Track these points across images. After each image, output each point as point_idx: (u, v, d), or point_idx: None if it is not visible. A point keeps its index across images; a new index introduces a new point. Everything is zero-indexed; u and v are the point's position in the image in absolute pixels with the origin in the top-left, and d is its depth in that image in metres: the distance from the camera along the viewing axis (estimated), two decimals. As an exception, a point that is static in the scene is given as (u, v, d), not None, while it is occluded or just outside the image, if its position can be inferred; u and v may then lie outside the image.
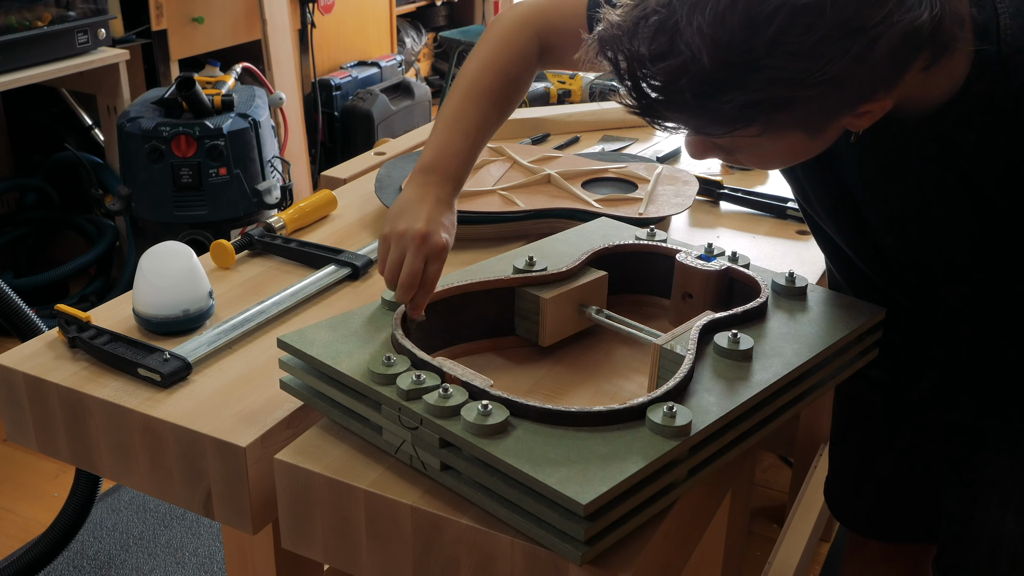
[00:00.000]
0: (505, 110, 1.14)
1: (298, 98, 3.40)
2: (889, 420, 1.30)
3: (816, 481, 2.06)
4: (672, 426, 0.86)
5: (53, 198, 3.18)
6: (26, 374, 1.13)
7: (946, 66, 0.87)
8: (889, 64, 0.81)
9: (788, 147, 0.91)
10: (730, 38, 0.78)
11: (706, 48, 0.78)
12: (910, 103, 0.90)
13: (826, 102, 0.82)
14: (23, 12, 2.58)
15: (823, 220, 1.13)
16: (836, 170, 1.04)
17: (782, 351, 1.01)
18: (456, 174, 1.08)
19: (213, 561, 2.11)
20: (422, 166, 1.09)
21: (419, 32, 4.70)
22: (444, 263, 1.04)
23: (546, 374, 1.10)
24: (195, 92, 2.49)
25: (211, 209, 2.52)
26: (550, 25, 1.14)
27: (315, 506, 0.95)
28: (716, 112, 0.82)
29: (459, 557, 0.89)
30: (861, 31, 0.77)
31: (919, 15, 0.79)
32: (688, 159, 1.82)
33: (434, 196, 1.06)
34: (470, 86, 1.12)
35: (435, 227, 1.03)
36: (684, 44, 0.79)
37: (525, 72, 1.15)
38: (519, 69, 1.14)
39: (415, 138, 2.01)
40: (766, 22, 0.77)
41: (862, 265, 1.13)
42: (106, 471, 1.13)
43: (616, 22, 0.84)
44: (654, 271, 1.21)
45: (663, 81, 0.82)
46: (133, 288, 1.21)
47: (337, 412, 0.98)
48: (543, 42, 1.14)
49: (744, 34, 0.77)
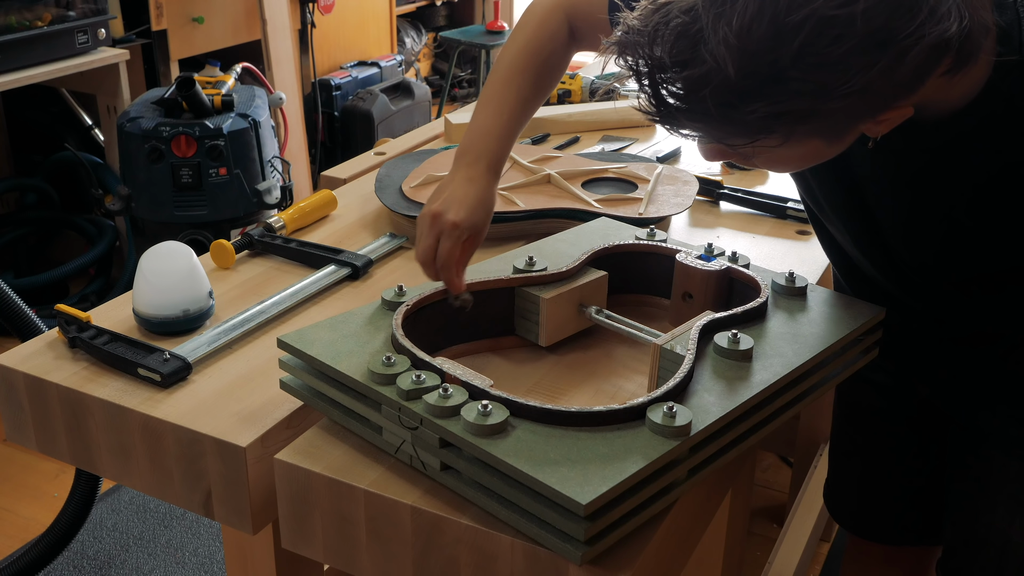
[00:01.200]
0: (542, 88, 1.16)
1: (298, 98, 3.40)
2: (890, 422, 1.30)
3: (816, 481, 2.06)
4: (672, 426, 0.86)
5: (53, 198, 3.18)
6: (26, 374, 1.13)
7: (970, 70, 0.86)
8: (915, 73, 0.80)
9: (805, 153, 0.90)
10: (756, 48, 0.76)
11: (732, 58, 0.76)
12: (929, 105, 0.89)
13: (849, 111, 0.81)
14: (23, 12, 2.58)
15: (830, 219, 1.12)
16: (847, 169, 1.03)
17: (782, 351, 1.01)
18: (489, 150, 1.11)
19: (213, 561, 2.11)
20: (458, 150, 1.13)
21: (419, 32, 4.70)
22: (459, 242, 1.06)
23: (546, 374, 1.10)
24: (195, 92, 2.49)
25: (211, 209, 2.52)
26: (577, 10, 1.16)
27: (315, 506, 0.95)
28: (738, 122, 0.81)
29: (459, 557, 0.89)
30: (891, 43, 0.76)
31: (948, 26, 0.77)
32: (688, 159, 1.82)
33: (462, 175, 1.09)
34: (504, 69, 1.15)
35: (449, 205, 1.07)
36: (709, 53, 0.77)
37: (559, 51, 1.17)
38: (553, 47, 1.16)
39: (415, 138, 2.01)
40: (794, 32, 0.75)
41: (868, 264, 1.12)
42: (106, 471, 1.13)
43: (635, 26, 0.82)
44: (654, 271, 1.21)
45: (685, 89, 0.80)
46: (133, 288, 1.21)
47: (337, 412, 0.98)
48: (572, 25, 1.17)
49: (771, 44, 0.76)
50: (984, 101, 0.89)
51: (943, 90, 0.87)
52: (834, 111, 0.80)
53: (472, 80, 5.06)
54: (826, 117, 0.81)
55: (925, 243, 1.03)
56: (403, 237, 1.45)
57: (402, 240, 1.44)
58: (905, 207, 1.01)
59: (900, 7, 0.75)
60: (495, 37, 4.33)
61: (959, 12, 0.78)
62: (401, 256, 1.42)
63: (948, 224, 0.99)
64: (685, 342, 0.98)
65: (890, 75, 0.78)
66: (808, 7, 0.75)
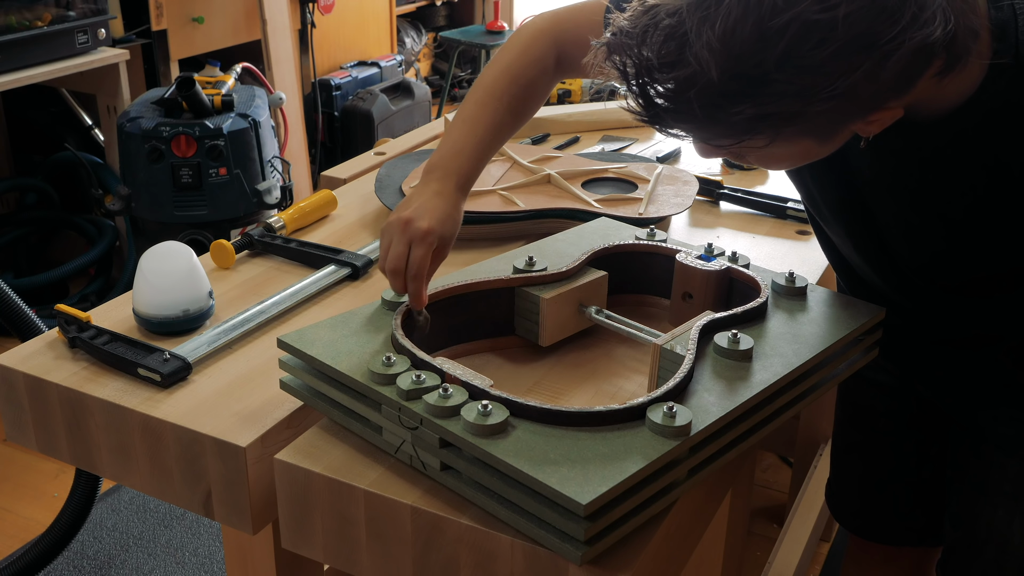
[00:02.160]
0: (519, 114, 1.15)
1: (298, 98, 3.40)
2: (892, 423, 1.30)
3: (816, 481, 2.06)
4: (672, 426, 0.86)
5: (53, 198, 3.18)
6: (26, 374, 1.13)
7: (961, 71, 0.86)
8: (901, 76, 0.80)
9: (797, 151, 0.91)
10: (740, 51, 0.77)
11: (715, 61, 0.78)
12: (924, 106, 0.89)
13: (836, 113, 0.82)
14: (23, 12, 2.58)
15: (829, 222, 1.12)
16: (846, 171, 1.03)
17: (782, 351, 1.01)
18: (460, 169, 1.09)
19: (213, 561, 2.11)
20: (427, 165, 1.11)
21: (419, 32, 4.70)
22: (430, 249, 1.03)
23: (546, 374, 1.10)
24: (195, 92, 2.49)
25: (211, 209, 2.52)
26: (567, 34, 1.14)
27: (315, 506, 0.95)
28: (724, 123, 0.82)
29: (459, 557, 0.89)
30: (873, 47, 0.77)
31: (932, 31, 0.78)
32: (688, 159, 1.82)
33: (431, 190, 1.07)
34: (483, 91, 1.13)
35: (420, 214, 1.04)
36: (693, 57, 0.78)
37: (540, 79, 1.15)
38: (534, 75, 1.14)
39: (415, 138, 2.01)
40: (777, 36, 0.76)
41: (868, 268, 1.12)
42: (106, 471, 1.13)
43: (625, 28, 0.84)
44: (654, 271, 1.21)
45: (671, 91, 0.82)
46: (133, 288, 1.21)
47: (337, 412, 0.98)
48: (560, 51, 1.15)
49: (754, 47, 0.77)
50: (981, 100, 0.89)
51: (936, 91, 0.87)
52: (819, 113, 0.80)
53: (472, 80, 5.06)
54: (812, 119, 0.82)
55: (925, 244, 1.03)
56: (403, 237, 1.45)
57: (402, 240, 1.44)
58: (904, 207, 1.01)
59: (883, 12, 0.76)
60: (495, 37, 4.33)
61: (944, 16, 0.78)
62: (401, 256, 1.42)
63: (947, 224, 0.99)
64: (685, 342, 0.98)
65: (874, 78, 0.78)
66: (791, 11, 0.76)
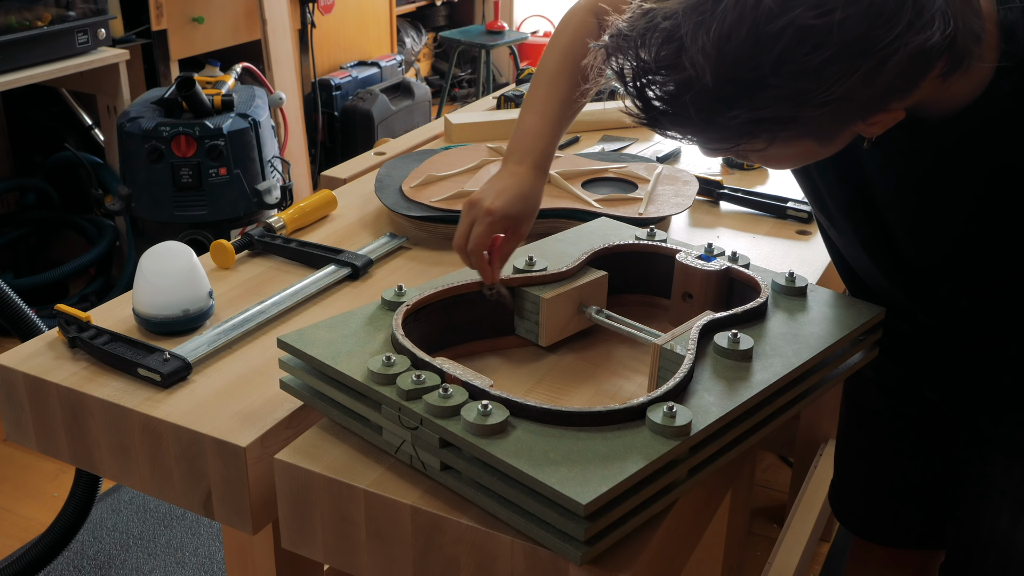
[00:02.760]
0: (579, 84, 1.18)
1: (298, 98, 3.40)
2: (897, 425, 1.30)
3: (816, 481, 2.06)
4: (672, 426, 0.86)
5: (53, 198, 3.18)
6: (26, 374, 1.13)
7: (966, 72, 0.85)
8: (900, 80, 0.80)
9: (798, 152, 0.91)
10: (735, 56, 0.77)
11: (710, 66, 0.78)
12: (930, 106, 0.89)
13: (834, 115, 0.82)
14: (23, 12, 2.58)
15: (837, 222, 1.12)
16: (854, 170, 1.03)
17: (782, 351, 1.01)
18: (535, 149, 1.14)
19: (213, 561, 2.11)
20: (506, 151, 1.17)
21: (419, 32, 4.70)
22: (491, 228, 1.09)
23: (546, 374, 1.10)
24: (195, 92, 2.49)
25: (211, 209, 2.52)
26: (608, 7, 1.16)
27: (315, 506, 0.95)
28: (720, 127, 0.82)
29: (459, 557, 0.89)
30: (869, 52, 0.76)
31: (930, 36, 0.77)
32: (688, 159, 1.82)
33: (507, 171, 1.13)
34: (541, 72, 1.19)
35: (487, 194, 1.10)
36: (688, 61, 0.79)
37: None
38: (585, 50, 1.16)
39: (415, 138, 2.01)
40: (772, 41, 0.76)
41: (876, 270, 1.12)
42: (106, 471, 1.13)
43: (624, 31, 0.84)
44: (654, 271, 1.21)
45: (668, 94, 0.82)
46: (133, 288, 1.21)
47: (337, 412, 0.98)
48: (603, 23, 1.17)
49: (749, 52, 0.77)
50: (988, 100, 0.89)
51: (942, 91, 0.87)
52: (817, 116, 0.80)
53: (472, 80, 5.06)
54: (809, 122, 0.81)
55: (933, 245, 1.03)
56: (403, 237, 1.45)
57: (402, 240, 1.44)
58: (913, 208, 1.01)
59: (879, 17, 0.76)
60: (495, 37, 4.33)
61: (944, 20, 0.78)
62: (401, 256, 1.42)
63: (956, 225, 0.99)
64: (685, 342, 0.98)
65: (871, 82, 0.78)
66: (786, 16, 0.75)
